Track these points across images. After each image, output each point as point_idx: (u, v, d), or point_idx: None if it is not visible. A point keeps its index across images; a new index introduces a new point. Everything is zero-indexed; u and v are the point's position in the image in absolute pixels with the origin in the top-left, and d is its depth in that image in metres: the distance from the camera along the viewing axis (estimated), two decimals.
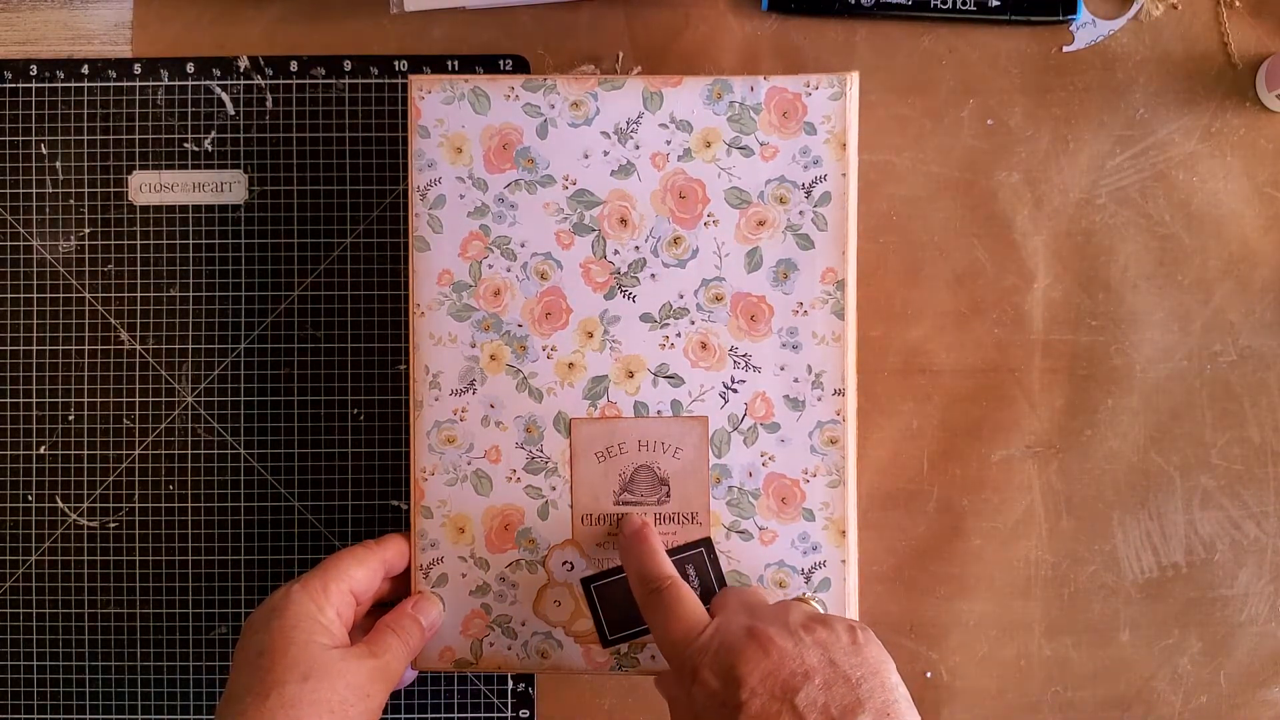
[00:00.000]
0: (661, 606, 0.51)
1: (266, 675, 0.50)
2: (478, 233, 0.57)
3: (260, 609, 0.53)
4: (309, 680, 0.50)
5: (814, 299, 0.57)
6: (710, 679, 0.47)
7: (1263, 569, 0.62)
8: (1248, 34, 0.62)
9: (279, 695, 0.50)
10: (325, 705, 0.50)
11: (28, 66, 0.63)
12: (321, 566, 0.55)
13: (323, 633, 0.52)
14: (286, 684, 0.50)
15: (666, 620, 0.51)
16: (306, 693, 0.50)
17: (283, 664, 0.51)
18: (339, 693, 0.51)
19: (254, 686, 0.50)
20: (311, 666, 0.51)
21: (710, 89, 0.57)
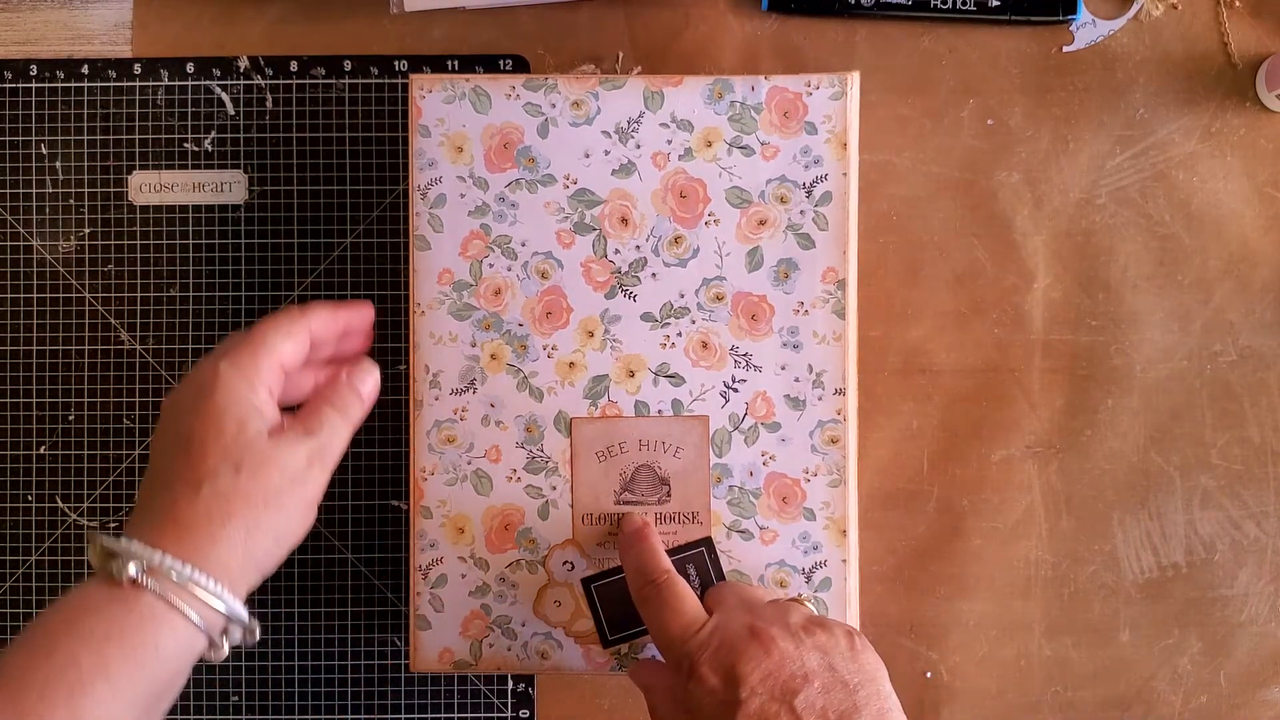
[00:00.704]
0: (659, 600, 0.51)
1: (198, 465, 0.48)
2: (478, 232, 0.57)
3: (185, 387, 0.50)
4: (242, 471, 0.48)
5: (815, 298, 0.57)
6: (709, 675, 0.47)
7: (1263, 569, 0.62)
8: (1248, 34, 0.62)
9: (211, 487, 0.47)
10: (260, 496, 0.48)
11: (28, 66, 0.63)
12: (248, 339, 0.51)
13: (256, 416, 0.49)
14: (219, 475, 0.47)
15: (663, 614, 0.51)
16: (241, 484, 0.48)
17: (215, 453, 0.48)
18: (274, 482, 0.48)
19: (184, 474, 0.48)
20: (244, 455, 0.48)
21: (711, 89, 0.57)
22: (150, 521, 0.47)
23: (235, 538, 0.47)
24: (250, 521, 0.48)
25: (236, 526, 0.47)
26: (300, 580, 0.63)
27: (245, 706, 0.62)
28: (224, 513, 0.47)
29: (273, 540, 0.49)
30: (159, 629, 0.45)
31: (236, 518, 0.47)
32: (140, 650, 0.45)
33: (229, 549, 0.47)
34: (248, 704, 0.62)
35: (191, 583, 0.46)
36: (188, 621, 0.46)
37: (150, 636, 0.45)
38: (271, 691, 0.62)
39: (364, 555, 0.63)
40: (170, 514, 0.47)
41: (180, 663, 0.47)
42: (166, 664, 0.46)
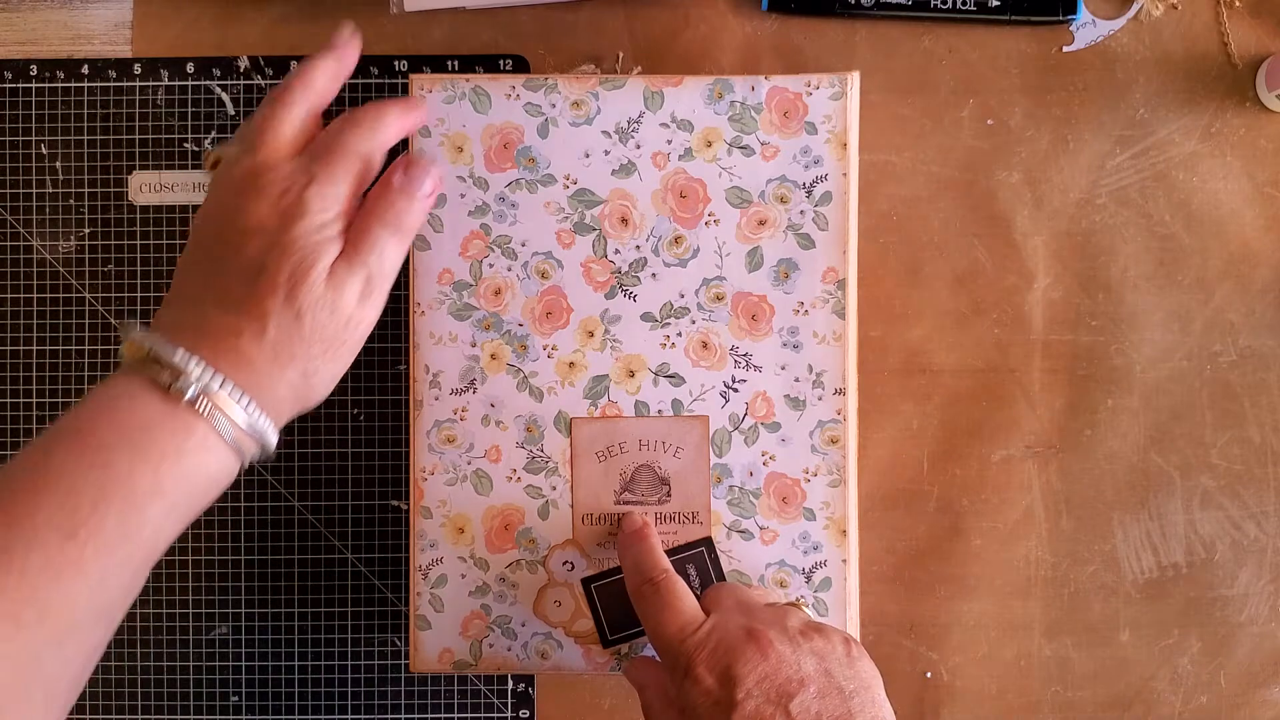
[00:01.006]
0: (656, 599, 0.51)
1: (265, 300, 0.47)
2: (478, 232, 0.57)
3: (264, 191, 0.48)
4: (304, 317, 0.47)
5: (815, 298, 0.57)
6: (705, 676, 0.47)
7: (1263, 569, 0.62)
8: (1248, 34, 0.62)
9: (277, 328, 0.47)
10: (320, 343, 0.48)
11: (28, 66, 0.63)
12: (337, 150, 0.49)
13: (327, 253, 0.48)
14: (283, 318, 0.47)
15: (660, 613, 0.51)
16: (304, 330, 0.47)
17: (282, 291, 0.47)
18: (333, 329, 0.48)
19: (248, 305, 0.47)
20: (307, 299, 0.47)
21: (711, 89, 0.57)
22: (207, 340, 0.46)
23: (293, 380, 0.48)
24: (309, 367, 0.48)
25: (295, 370, 0.48)
26: (300, 580, 0.63)
27: (245, 706, 0.62)
28: (288, 355, 0.47)
29: (325, 381, 0.50)
30: (209, 455, 0.46)
31: (297, 362, 0.48)
32: (192, 474, 0.45)
33: (286, 389, 0.48)
34: (248, 704, 0.62)
35: (248, 418, 0.46)
36: (234, 453, 0.47)
37: (202, 463, 0.45)
38: (271, 691, 0.62)
39: (364, 555, 0.63)
40: (233, 342, 0.47)
41: (219, 488, 0.47)
42: (210, 488, 0.47)
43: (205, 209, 0.50)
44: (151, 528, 0.44)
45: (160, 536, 0.45)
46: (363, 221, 0.49)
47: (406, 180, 0.51)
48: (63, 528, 0.41)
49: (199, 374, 0.45)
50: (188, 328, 0.47)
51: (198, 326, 0.47)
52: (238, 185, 0.49)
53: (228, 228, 0.48)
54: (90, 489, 0.42)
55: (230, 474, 0.47)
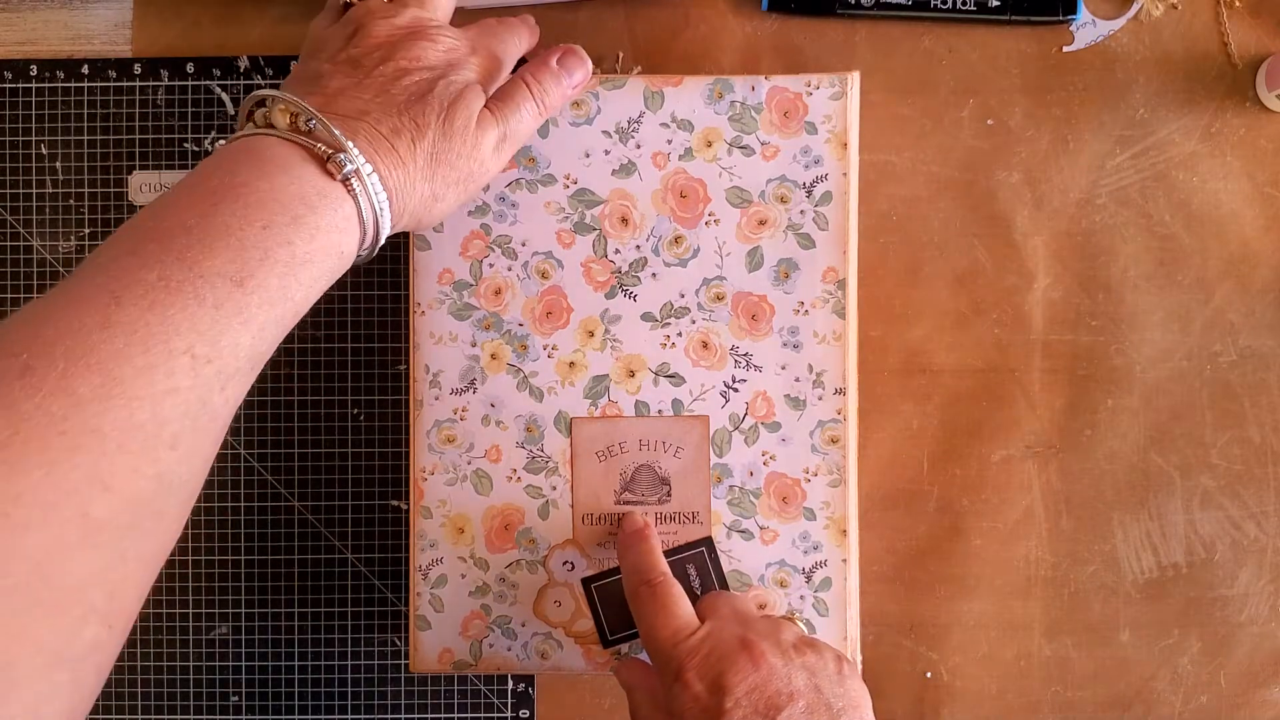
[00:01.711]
0: (653, 601, 0.52)
1: (426, 114, 0.50)
2: (478, 231, 0.57)
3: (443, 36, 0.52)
4: (453, 145, 0.50)
5: (815, 298, 0.57)
6: (695, 682, 0.47)
7: (1263, 569, 0.62)
8: (1248, 34, 0.62)
9: (430, 145, 0.50)
10: (456, 174, 0.51)
11: (28, 66, 0.63)
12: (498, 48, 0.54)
13: (478, 100, 0.52)
14: (436, 139, 0.50)
15: (656, 616, 0.51)
16: (450, 157, 0.50)
17: (438, 115, 0.50)
18: (471, 167, 0.51)
19: (412, 112, 0.50)
20: (457, 135, 0.51)
21: (711, 88, 0.57)
22: (364, 129, 0.49)
23: (423, 195, 0.50)
24: (439, 190, 0.51)
25: (428, 187, 0.50)
26: (300, 580, 0.63)
27: (245, 706, 0.62)
28: (427, 174, 0.50)
29: (443, 208, 0.52)
30: (347, 235, 0.48)
31: (434, 181, 0.50)
32: (333, 249, 0.47)
33: (415, 201, 0.50)
34: (247, 704, 0.62)
35: (381, 213, 0.49)
36: (365, 237, 0.49)
37: (342, 240, 0.48)
38: (271, 692, 0.62)
39: (364, 555, 0.63)
40: (391, 141, 0.49)
41: (345, 266, 0.49)
42: (342, 265, 0.48)
43: (365, 37, 0.52)
44: (303, 291, 0.46)
45: (306, 300, 0.47)
46: (512, 86, 0.54)
47: (563, 64, 0.55)
48: (233, 277, 0.43)
49: (355, 154, 0.47)
50: (348, 115, 0.49)
51: (358, 117, 0.49)
52: (409, 28, 0.52)
53: (397, 54, 0.51)
54: (257, 249, 0.44)
55: (352, 258, 0.49)
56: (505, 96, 0.53)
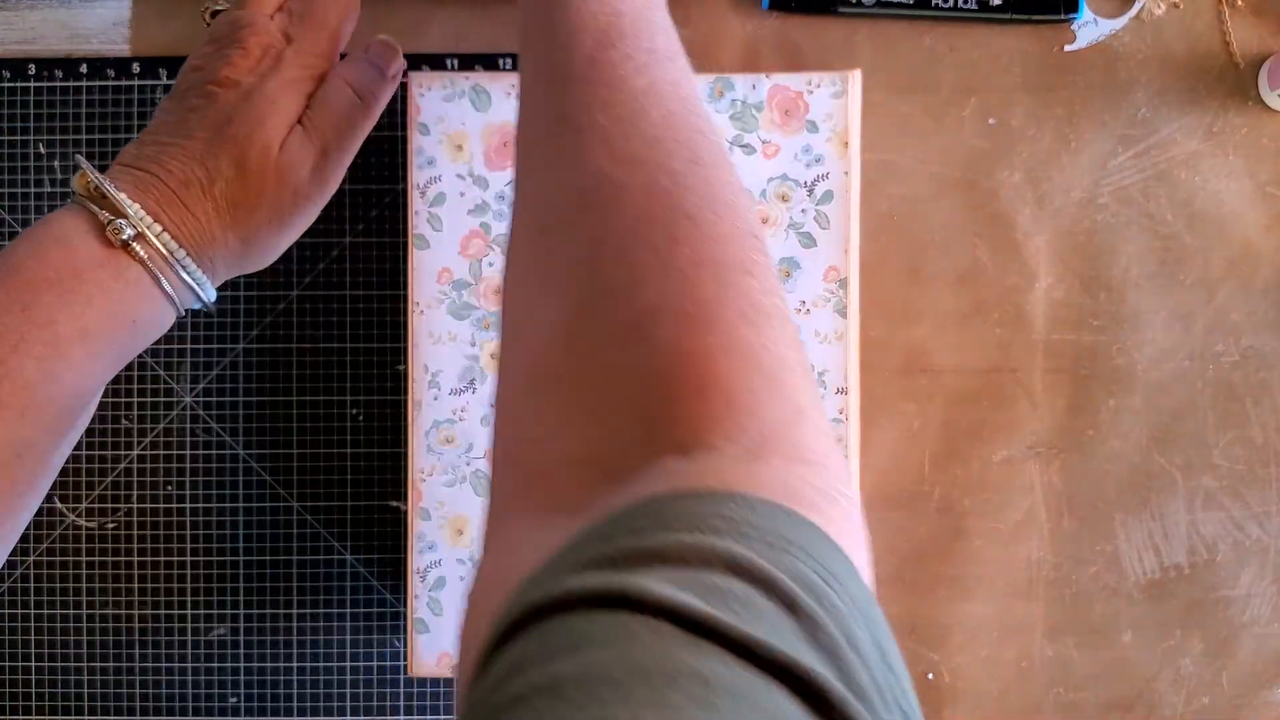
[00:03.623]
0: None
1: (216, 157, 0.47)
2: (478, 230, 0.57)
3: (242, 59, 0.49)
4: (250, 182, 0.47)
5: (816, 297, 0.57)
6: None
7: (1265, 570, 0.62)
8: (1250, 33, 0.62)
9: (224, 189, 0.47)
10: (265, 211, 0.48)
11: (25, 65, 0.63)
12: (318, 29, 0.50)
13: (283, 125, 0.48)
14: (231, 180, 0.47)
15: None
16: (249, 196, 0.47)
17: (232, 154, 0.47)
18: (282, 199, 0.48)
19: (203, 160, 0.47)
20: (258, 167, 0.47)
21: (712, 87, 0.57)
22: (155, 186, 0.46)
23: (230, 242, 0.48)
24: (250, 234, 0.48)
25: (235, 233, 0.48)
26: (299, 581, 0.62)
27: (244, 708, 0.62)
28: (228, 221, 0.47)
29: (265, 249, 0.50)
30: (141, 302, 0.46)
31: (239, 227, 0.48)
32: (120, 320, 0.45)
33: (224, 249, 0.48)
34: (245, 705, 0.62)
35: (184, 270, 0.46)
36: (168, 301, 0.47)
37: (132, 308, 0.45)
38: (270, 693, 0.62)
39: (363, 556, 0.62)
40: (180, 193, 0.46)
41: (150, 334, 0.47)
42: (140, 334, 0.46)
43: (192, 60, 0.50)
44: (75, 370, 0.44)
45: (86, 378, 0.45)
46: (330, 92, 0.50)
47: (377, 53, 0.52)
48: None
49: (137, 215, 0.45)
50: (146, 169, 0.47)
51: (155, 170, 0.47)
52: (223, 39, 0.49)
53: (208, 78, 0.48)
54: (11, 334, 0.42)
55: (165, 321, 0.47)
56: (323, 106, 0.50)
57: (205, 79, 0.48)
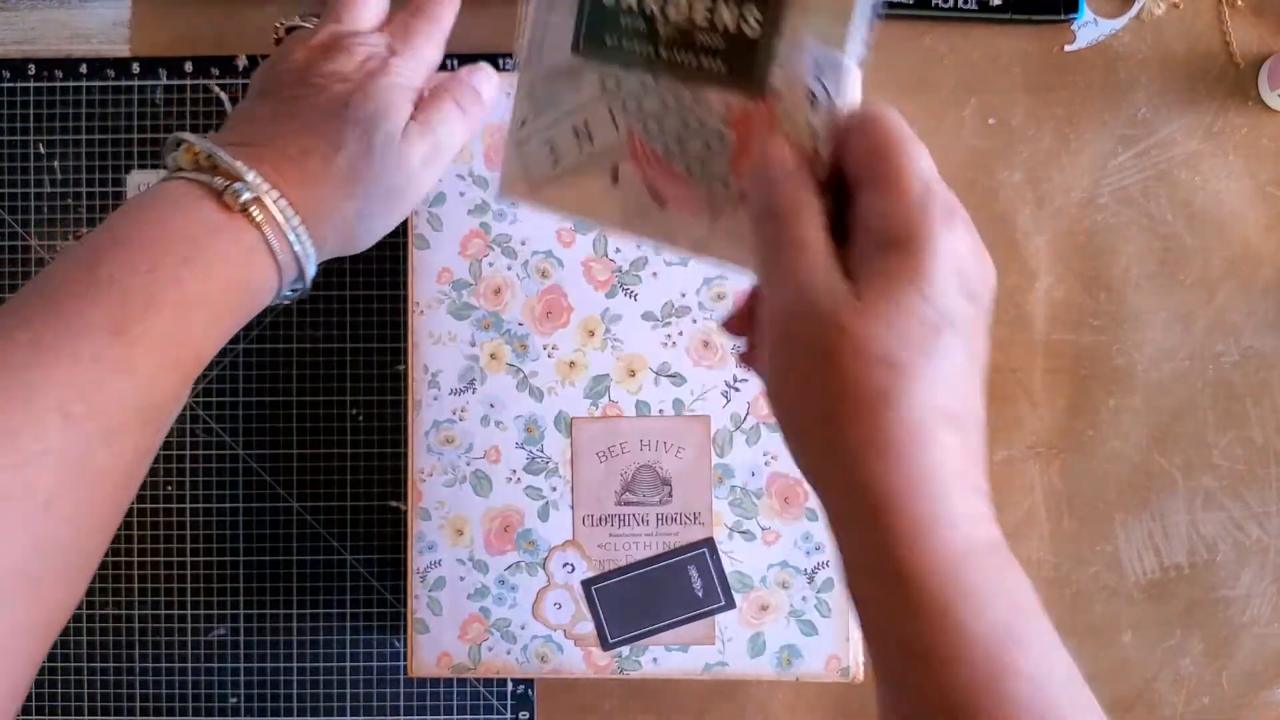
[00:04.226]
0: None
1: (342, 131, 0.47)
2: (478, 230, 0.57)
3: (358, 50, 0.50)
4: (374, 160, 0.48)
5: None
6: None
7: (1265, 570, 0.62)
8: (1250, 33, 0.62)
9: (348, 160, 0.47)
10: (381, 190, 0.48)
11: (26, 65, 0.63)
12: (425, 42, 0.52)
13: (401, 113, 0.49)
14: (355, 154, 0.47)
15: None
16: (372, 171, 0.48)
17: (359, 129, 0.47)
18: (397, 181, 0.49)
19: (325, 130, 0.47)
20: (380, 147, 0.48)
21: None
22: (271, 154, 0.47)
23: (347, 215, 0.48)
24: (365, 208, 0.48)
25: (352, 205, 0.48)
26: (300, 581, 0.62)
27: (244, 708, 0.62)
28: (347, 192, 0.47)
29: (373, 229, 0.50)
30: (253, 268, 0.45)
31: (356, 198, 0.48)
32: (237, 285, 0.45)
33: (338, 221, 0.48)
34: (246, 705, 0.62)
35: (295, 236, 0.46)
36: (277, 269, 0.46)
37: (247, 275, 0.45)
38: (270, 693, 0.62)
39: (363, 556, 0.62)
40: (301, 161, 0.47)
41: (260, 303, 0.47)
42: (253, 301, 0.46)
43: (282, 64, 0.50)
44: (199, 333, 0.44)
45: (207, 342, 0.44)
46: (435, 98, 0.51)
47: (472, 76, 0.53)
48: (112, 327, 0.41)
49: (255, 181, 0.45)
50: (255, 144, 0.47)
51: (266, 143, 0.47)
52: (324, 44, 0.50)
53: (311, 74, 0.49)
54: (141, 295, 0.42)
55: (271, 291, 0.47)
56: (431, 107, 0.51)
57: (308, 75, 0.49)
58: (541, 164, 0.44)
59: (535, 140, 0.44)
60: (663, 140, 0.42)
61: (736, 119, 0.41)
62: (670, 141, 0.42)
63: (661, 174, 0.42)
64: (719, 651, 0.57)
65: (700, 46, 0.40)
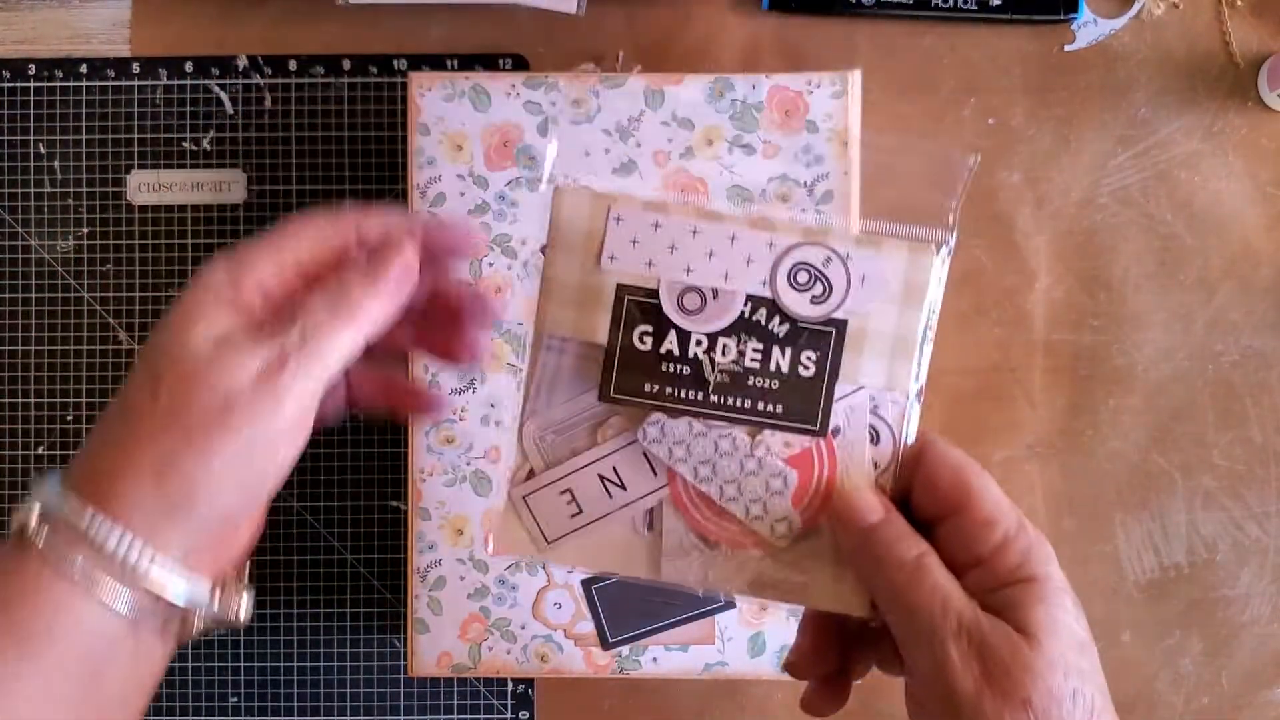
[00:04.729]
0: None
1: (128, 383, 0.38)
2: (478, 230, 0.57)
3: None
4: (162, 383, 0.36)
5: None
6: None
7: (1264, 569, 0.62)
8: (1249, 33, 0.62)
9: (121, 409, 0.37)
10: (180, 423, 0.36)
11: (26, 66, 0.63)
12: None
13: (213, 318, 0.37)
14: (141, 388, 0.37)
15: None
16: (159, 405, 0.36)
17: (144, 359, 0.37)
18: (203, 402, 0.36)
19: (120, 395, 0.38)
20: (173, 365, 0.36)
21: (712, 87, 0.57)
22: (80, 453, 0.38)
23: (143, 481, 0.36)
24: (163, 458, 0.36)
25: (143, 466, 0.36)
26: (299, 581, 0.62)
27: (245, 708, 0.62)
28: (131, 446, 0.36)
29: (211, 483, 0.37)
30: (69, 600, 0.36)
31: (145, 453, 0.36)
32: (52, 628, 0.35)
33: (137, 493, 0.36)
34: (246, 705, 0.62)
35: (95, 538, 0.36)
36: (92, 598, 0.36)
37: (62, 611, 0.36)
38: (271, 693, 0.62)
39: (363, 556, 0.62)
40: (89, 443, 0.38)
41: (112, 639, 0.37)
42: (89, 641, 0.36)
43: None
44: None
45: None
46: (305, 294, 0.39)
47: (370, 262, 0.40)
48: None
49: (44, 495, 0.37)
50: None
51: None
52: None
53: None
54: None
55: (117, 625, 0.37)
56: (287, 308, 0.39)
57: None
58: (557, 516, 0.42)
59: (548, 492, 0.42)
60: (718, 484, 0.41)
61: (798, 458, 0.41)
62: (725, 484, 0.41)
63: (714, 518, 0.42)
64: (719, 651, 0.57)
65: (754, 389, 0.40)
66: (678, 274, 0.41)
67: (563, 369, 0.42)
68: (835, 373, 0.41)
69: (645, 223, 0.41)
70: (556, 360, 0.42)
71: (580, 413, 0.42)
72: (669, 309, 0.41)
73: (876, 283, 0.40)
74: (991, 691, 0.36)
